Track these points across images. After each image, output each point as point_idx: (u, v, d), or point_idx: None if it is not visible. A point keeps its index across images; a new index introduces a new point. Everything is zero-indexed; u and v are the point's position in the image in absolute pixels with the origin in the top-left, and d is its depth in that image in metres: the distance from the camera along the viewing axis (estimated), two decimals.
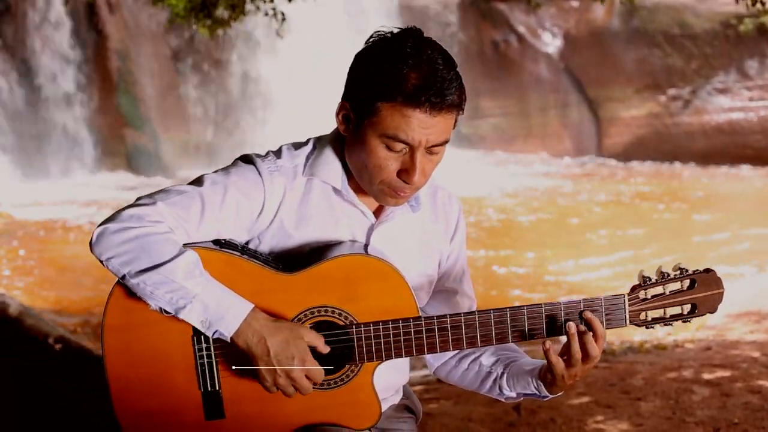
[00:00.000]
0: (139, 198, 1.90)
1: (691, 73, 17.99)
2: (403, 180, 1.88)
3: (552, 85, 18.79)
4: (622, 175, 16.99)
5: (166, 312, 1.83)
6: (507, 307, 1.93)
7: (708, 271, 1.93)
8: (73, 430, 4.21)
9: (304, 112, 14.31)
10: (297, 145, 2.03)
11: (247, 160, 1.98)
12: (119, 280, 1.86)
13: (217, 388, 1.91)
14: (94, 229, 1.84)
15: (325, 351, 1.88)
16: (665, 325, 1.95)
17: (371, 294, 1.91)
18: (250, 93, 16.80)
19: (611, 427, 4.20)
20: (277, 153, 2.00)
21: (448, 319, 1.93)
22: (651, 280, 1.93)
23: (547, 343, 1.91)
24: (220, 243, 1.91)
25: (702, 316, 1.96)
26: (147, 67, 15.89)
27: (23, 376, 4.83)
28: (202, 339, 1.88)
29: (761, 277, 8.92)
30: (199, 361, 1.90)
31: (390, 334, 1.91)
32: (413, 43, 1.83)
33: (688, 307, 1.94)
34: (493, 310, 1.93)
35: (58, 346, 5.54)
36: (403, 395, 2.20)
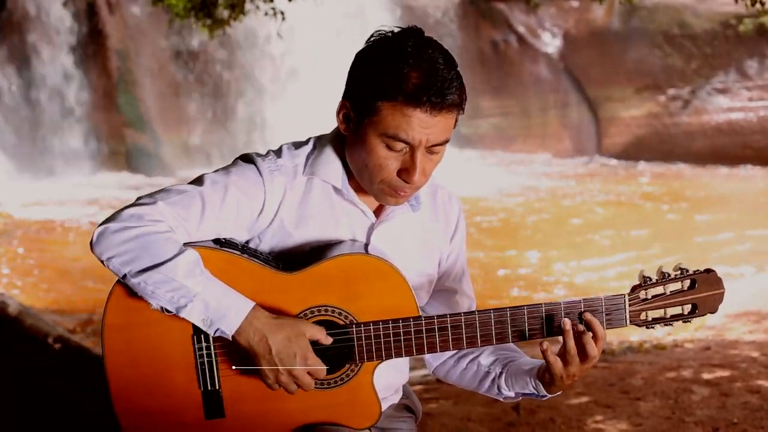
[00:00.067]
0: (139, 197, 1.90)
1: (691, 73, 17.98)
2: (403, 179, 1.88)
3: (552, 85, 18.78)
4: (622, 175, 16.98)
5: (167, 311, 1.83)
6: (507, 307, 1.93)
7: (708, 271, 1.93)
8: (73, 430, 4.20)
9: (305, 111, 14.29)
10: (297, 145, 2.03)
11: (248, 159, 1.98)
12: (119, 280, 1.86)
13: (217, 388, 1.91)
14: (95, 229, 1.84)
15: (327, 342, 1.87)
16: (666, 325, 1.95)
17: (371, 293, 1.91)
18: (249, 93, 16.79)
19: (610, 427, 4.20)
20: (278, 152, 2.00)
21: (449, 318, 1.93)
22: (651, 280, 1.93)
23: (545, 343, 1.91)
24: (221, 242, 1.91)
25: (702, 316, 1.96)
26: (147, 67, 15.88)
27: (23, 376, 4.82)
28: (202, 338, 1.89)
29: (760, 278, 8.92)
30: (199, 360, 1.90)
31: (390, 333, 1.91)
32: (414, 42, 1.83)
33: (688, 308, 1.94)
34: (493, 309, 1.93)
35: (58, 346, 5.54)
36: (403, 395, 2.20)
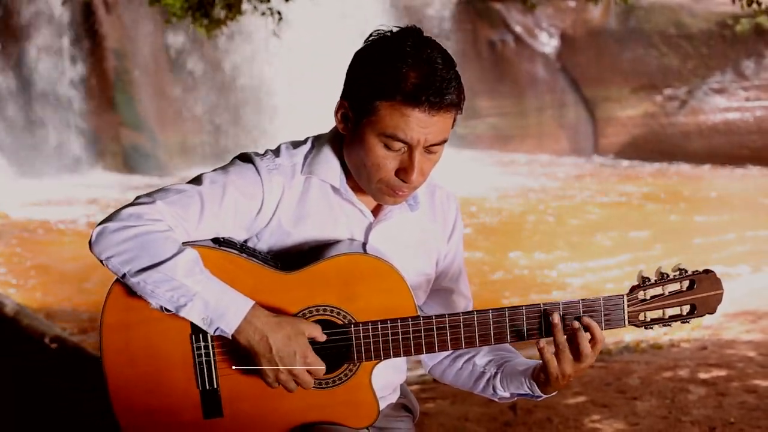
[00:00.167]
0: (137, 197, 1.90)
1: (688, 73, 17.98)
2: (401, 179, 1.88)
3: (548, 85, 18.76)
4: (618, 175, 16.98)
5: (166, 310, 1.83)
6: (506, 307, 1.93)
7: (707, 271, 1.94)
8: (73, 430, 4.20)
9: (303, 111, 14.28)
10: (295, 144, 2.03)
11: (246, 158, 1.98)
12: (118, 279, 1.86)
13: (216, 387, 1.91)
14: (93, 229, 1.84)
15: (322, 339, 1.88)
16: (664, 325, 1.95)
17: (370, 293, 1.91)
18: (247, 92, 16.77)
19: (607, 427, 4.20)
20: (276, 152, 2.00)
21: (447, 318, 1.93)
22: (650, 280, 1.93)
23: (542, 341, 1.91)
24: (219, 241, 1.91)
25: (701, 317, 1.96)
26: (144, 67, 15.86)
27: (23, 376, 4.82)
28: (200, 337, 1.89)
29: (757, 277, 8.92)
30: (197, 360, 1.90)
31: (388, 333, 1.92)
32: (413, 42, 1.83)
33: (687, 308, 1.94)
34: (492, 309, 1.93)
35: (54, 346, 5.53)
36: (401, 394, 2.21)
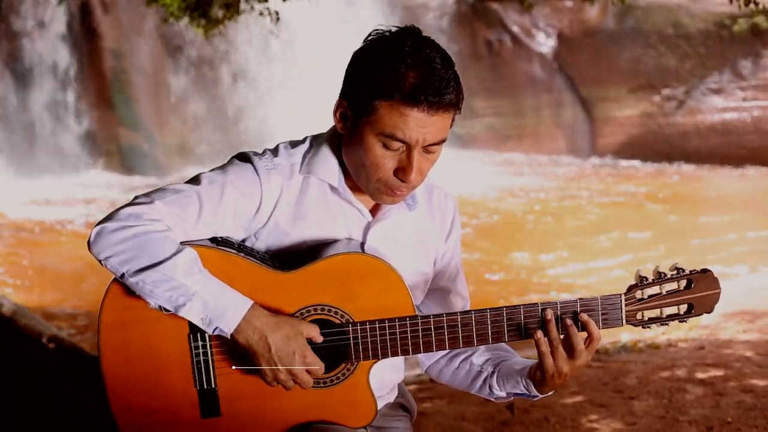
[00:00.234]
0: (136, 197, 1.90)
1: (685, 73, 17.99)
2: (399, 178, 1.88)
3: (546, 85, 18.76)
4: (616, 175, 16.99)
5: (165, 310, 1.83)
6: (503, 306, 1.93)
7: (705, 271, 1.94)
8: (73, 430, 4.20)
9: (301, 110, 14.27)
10: (294, 144, 2.03)
11: (244, 158, 1.98)
12: (117, 279, 1.86)
13: (213, 386, 1.91)
14: (92, 229, 1.84)
15: (319, 340, 1.88)
16: (662, 325, 1.95)
17: (368, 292, 1.91)
18: (245, 92, 16.77)
19: (604, 426, 4.21)
20: (274, 151, 2.00)
21: (445, 318, 1.93)
22: (648, 280, 1.94)
23: (539, 332, 1.91)
24: (217, 241, 1.92)
25: (699, 316, 1.96)
26: (141, 67, 15.84)
27: (22, 376, 4.81)
28: (198, 337, 1.89)
29: (754, 277, 8.93)
30: (195, 359, 1.90)
31: (386, 332, 1.92)
32: (412, 42, 1.83)
33: (684, 307, 1.95)
34: (490, 309, 1.93)
35: (52, 345, 5.53)
36: (398, 393, 2.21)
